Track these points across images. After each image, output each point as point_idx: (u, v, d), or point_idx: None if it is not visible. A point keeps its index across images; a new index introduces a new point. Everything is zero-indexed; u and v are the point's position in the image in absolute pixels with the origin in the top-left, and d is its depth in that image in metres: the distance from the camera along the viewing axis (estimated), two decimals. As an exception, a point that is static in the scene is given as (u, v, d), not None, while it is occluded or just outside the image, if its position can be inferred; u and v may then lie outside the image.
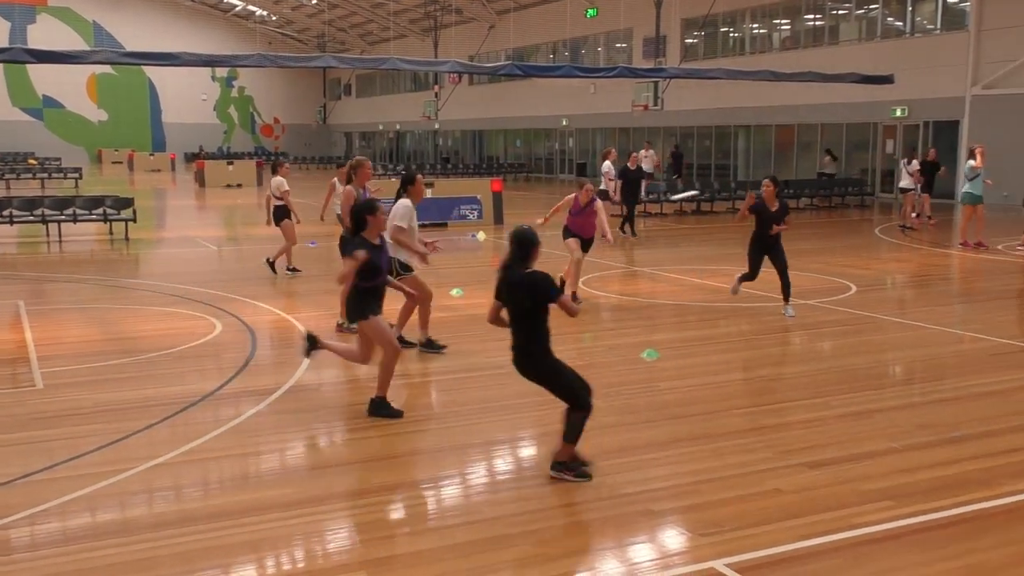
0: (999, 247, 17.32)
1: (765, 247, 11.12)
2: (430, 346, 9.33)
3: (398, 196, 9.09)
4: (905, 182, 21.66)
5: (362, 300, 7.03)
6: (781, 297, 11.29)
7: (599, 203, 11.67)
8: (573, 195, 11.65)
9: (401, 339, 9.35)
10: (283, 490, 5.76)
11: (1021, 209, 19.87)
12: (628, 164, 21.04)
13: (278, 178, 14.68)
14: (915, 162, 22.01)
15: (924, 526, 5.14)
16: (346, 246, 9.99)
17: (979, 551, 4.84)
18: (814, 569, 4.65)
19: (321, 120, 76.26)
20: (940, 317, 11.15)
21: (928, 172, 22.24)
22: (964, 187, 17.82)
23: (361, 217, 7.02)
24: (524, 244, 5.62)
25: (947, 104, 29.53)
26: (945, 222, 23.18)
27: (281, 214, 14.56)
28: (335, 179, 15.61)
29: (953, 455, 6.30)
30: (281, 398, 7.74)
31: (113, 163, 60.05)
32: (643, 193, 22.23)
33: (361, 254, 6.85)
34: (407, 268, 9.15)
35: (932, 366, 8.92)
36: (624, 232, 20.14)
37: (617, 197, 20.97)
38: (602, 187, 21.14)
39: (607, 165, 21.63)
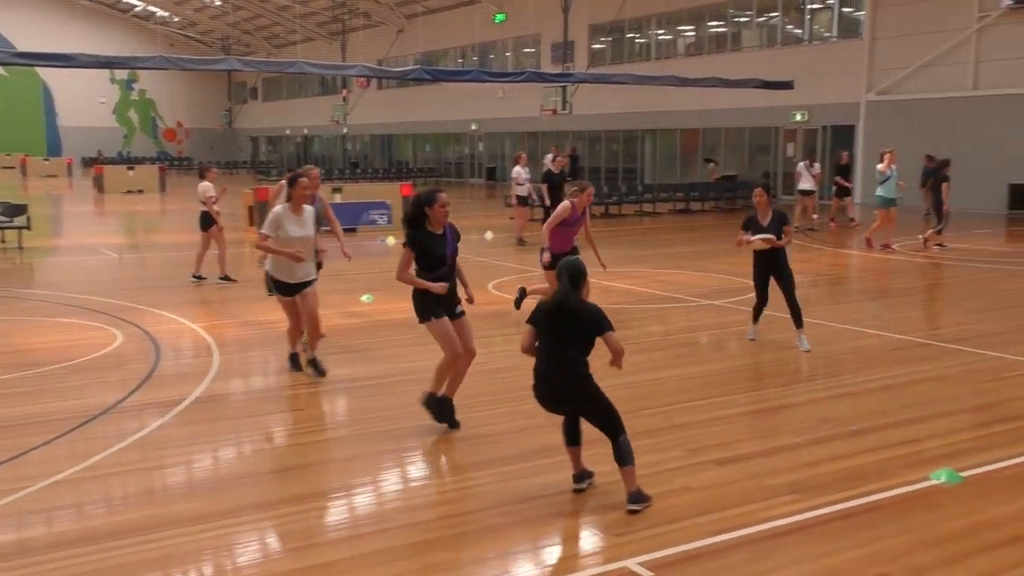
0: (894, 247, 17.97)
1: (768, 266, 9.63)
2: (314, 366, 8.59)
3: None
4: (806, 184, 22.22)
5: (425, 297, 6.80)
6: (793, 325, 9.67)
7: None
8: (567, 203, 10.18)
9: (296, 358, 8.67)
10: (190, 504, 5.62)
11: (918, 210, 20.66)
12: (551, 167, 20.50)
13: (204, 183, 14.24)
14: (816, 165, 22.61)
15: (827, 518, 5.29)
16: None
17: (880, 540, 5.01)
18: (724, 564, 4.75)
19: (226, 124, 74.74)
20: (840, 315, 11.51)
21: (843, 175, 22.80)
22: (877, 191, 18.39)
23: (420, 211, 6.78)
24: (576, 276, 5.63)
25: (844, 109, 30.56)
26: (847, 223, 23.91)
27: (209, 220, 14.21)
28: (283, 181, 15.32)
29: (853, 448, 6.51)
30: (187, 409, 7.55)
31: (4, 168, 57.74)
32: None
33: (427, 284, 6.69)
34: (280, 288, 8.32)
35: (833, 362, 9.20)
36: None
37: (534, 200, 20.96)
38: (518, 193, 20.59)
39: (517, 170, 21.51)
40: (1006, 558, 4.78)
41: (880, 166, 17.94)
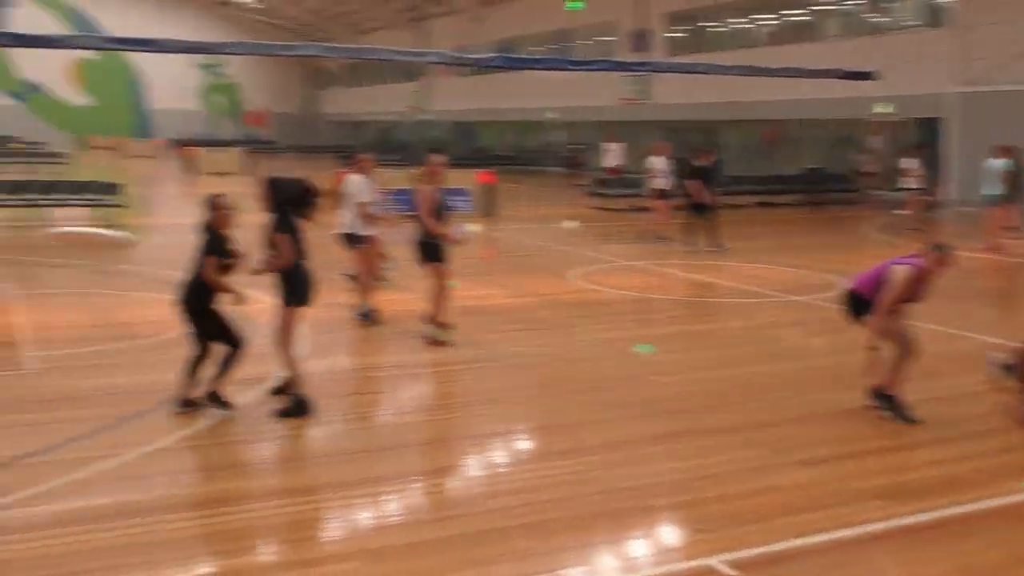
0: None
1: None
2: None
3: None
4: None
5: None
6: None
7: None
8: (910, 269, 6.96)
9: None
10: (272, 479, 5.76)
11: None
12: (705, 162, 17.24)
13: (355, 177, 10.26)
14: (909, 159, 21.75)
15: (917, 526, 5.16)
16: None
17: (970, 553, 4.87)
18: (808, 567, 4.69)
19: (307, 109, 75.96)
20: (925, 315, 11.14)
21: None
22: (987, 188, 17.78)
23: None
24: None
25: (931, 101, 29.62)
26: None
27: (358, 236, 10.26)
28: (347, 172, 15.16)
29: (947, 454, 6.27)
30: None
31: (98, 149, 59.52)
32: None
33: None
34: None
35: (923, 365, 8.89)
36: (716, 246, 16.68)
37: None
38: (658, 186, 17.66)
39: (652, 160, 17.99)
40: (1107, 575, 4.62)
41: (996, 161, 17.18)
